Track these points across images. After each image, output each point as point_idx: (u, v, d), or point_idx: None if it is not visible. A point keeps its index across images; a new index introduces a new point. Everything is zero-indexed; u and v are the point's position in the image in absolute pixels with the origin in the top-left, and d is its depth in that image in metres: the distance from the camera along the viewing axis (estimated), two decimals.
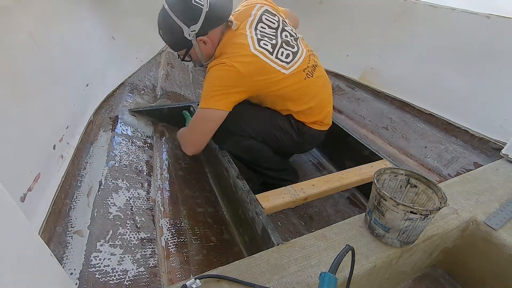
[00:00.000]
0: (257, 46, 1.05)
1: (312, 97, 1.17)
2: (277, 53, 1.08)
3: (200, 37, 1.08)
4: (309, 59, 1.17)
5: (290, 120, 1.20)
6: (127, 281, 0.75)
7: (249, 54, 1.03)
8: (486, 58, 1.47)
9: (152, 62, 1.94)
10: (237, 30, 1.10)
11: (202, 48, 1.12)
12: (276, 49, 1.08)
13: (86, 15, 1.55)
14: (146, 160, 1.22)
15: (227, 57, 1.03)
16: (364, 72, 2.00)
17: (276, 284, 0.67)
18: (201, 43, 1.10)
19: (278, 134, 1.19)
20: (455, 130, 1.49)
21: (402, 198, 0.86)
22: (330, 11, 2.29)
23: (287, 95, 1.13)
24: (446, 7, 1.65)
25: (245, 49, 1.03)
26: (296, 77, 1.11)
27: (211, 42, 1.10)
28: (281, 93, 1.11)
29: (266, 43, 1.07)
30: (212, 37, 1.10)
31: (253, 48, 1.04)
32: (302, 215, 1.32)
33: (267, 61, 1.05)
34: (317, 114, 1.20)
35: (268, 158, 1.24)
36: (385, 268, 0.79)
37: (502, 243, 0.84)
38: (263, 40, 1.07)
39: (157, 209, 1.05)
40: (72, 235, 0.82)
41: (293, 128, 1.20)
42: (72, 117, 1.14)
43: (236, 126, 1.14)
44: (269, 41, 1.08)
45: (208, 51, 1.14)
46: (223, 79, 1.02)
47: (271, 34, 1.12)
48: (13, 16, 0.96)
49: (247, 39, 1.05)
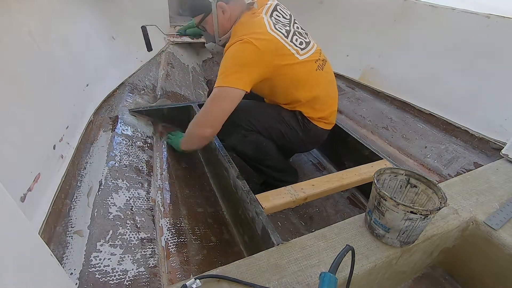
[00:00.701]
0: (274, 28, 1.06)
1: (320, 89, 1.18)
2: (291, 38, 1.09)
3: (221, 3, 1.08)
4: (320, 53, 1.19)
5: (297, 116, 1.21)
6: (127, 281, 0.75)
7: (266, 33, 1.03)
8: (486, 58, 1.47)
9: (152, 62, 1.94)
10: (254, 12, 1.11)
11: (220, 17, 1.12)
12: (290, 35, 1.10)
13: (86, 15, 1.55)
14: (146, 160, 1.22)
15: (244, 34, 1.03)
16: (364, 72, 2.00)
17: (276, 284, 0.67)
18: (220, 11, 1.10)
19: (283, 129, 1.20)
20: (455, 130, 1.49)
21: (402, 198, 0.86)
22: (330, 11, 2.29)
23: (299, 81, 1.13)
24: (446, 7, 1.65)
25: (263, 28, 1.04)
26: (308, 65, 1.13)
27: (230, 13, 1.10)
28: (294, 76, 1.11)
29: (281, 28, 1.08)
30: (232, 9, 1.10)
31: (269, 29, 1.05)
32: (302, 215, 1.32)
33: (283, 42, 1.05)
34: (323, 109, 1.21)
35: (271, 156, 1.24)
36: (385, 268, 0.79)
37: (502, 243, 0.84)
38: (278, 25, 1.08)
39: (157, 209, 1.05)
40: (72, 235, 0.82)
41: (299, 124, 1.21)
42: (72, 117, 1.14)
43: (243, 120, 1.15)
44: (283, 27, 1.10)
45: (224, 23, 1.13)
46: (241, 57, 1.02)
47: (285, 22, 1.14)
48: (13, 16, 0.96)
49: (264, 21, 1.07)
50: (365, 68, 2.00)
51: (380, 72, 1.92)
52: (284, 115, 1.20)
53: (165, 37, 1.98)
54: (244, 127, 1.15)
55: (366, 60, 2.00)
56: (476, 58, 1.50)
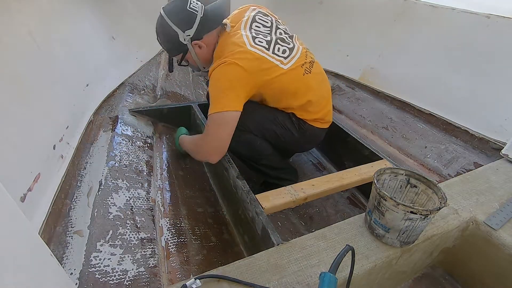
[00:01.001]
0: (253, 43, 1.06)
1: (312, 92, 1.17)
2: (273, 48, 1.09)
3: (195, 41, 1.11)
4: (305, 55, 1.18)
5: (291, 117, 1.20)
6: (127, 281, 0.75)
7: (246, 51, 1.03)
8: (486, 58, 1.47)
9: (152, 62, 1.94)
10: (231, 31, 1.12)
11: (198, 52, 1.15)
12: (272, 45, 1.09)
13: (86, 15, 1.55)
14: (146, 160, 1.22)
15: (226, 56, 1.03)
16: (364, 72, 2.00)
17: (276, 284, 0.67)
18: (197, 47, 1.13)
19: (278, 130, 1.20)
20: (455, 130, 1.49)
21: (402, 198, 0.86)
22: (330, 11, 2.29)
23: (287, 90, 1.13)
24: (446, 7, 1.65)
25: (242, 46, 1.04)
26: (295, 72, 1.12)
27: (207, 46, 1.13)
28: (282, 88, 1.11)
29: (261, 40, 1.08)
30: (207, 41, 1.12)
31: (249, 46, 1.05)
32: (302, 215, 1.32)
33: (265, 56, 1.05)
34: (317, 111, 1.21)
35: (267, 156, 1.24)
36: (385, 268, 0.79)
37: (502, 243, 0.84)
38: (258, 38, 1.08)
39: (157, 209, 1.05)
40: (72, 235, 0.82)
41: (294, 125, 1.21)
42: (72, 117, 1.14)
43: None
44: (264, 38, 1.09)
45: (204, 55, 1.16)
46: (227, 80, 1.02)
47: (265, 32, 1.14)
48: (13, 16, 0.96)
49: (243, 38, 1.07)
50: (365, 68, 2.00)
51: (380, 72, 1.92)
52: (278, 117, 1.19)
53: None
54: (238, 128, 1.15)
55: (366, 60, 2.00)
56: (476, 58, 1.50)
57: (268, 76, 1.06)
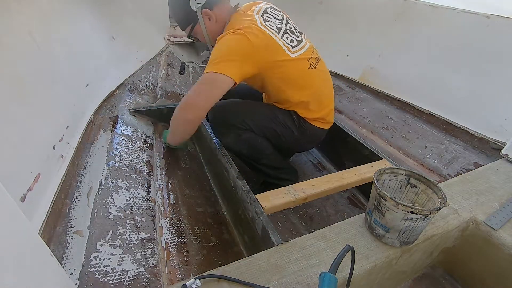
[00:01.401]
0: (264, 24, 1.06)
1: (314, 89, 1.17)
2: (282, 35, 1.09)
3: (206, 10, 1.08)
4: (312, 51, 1.19)
5: (292, 116, 1.20)
6: (127, 281, 0.75)
7: (257, 27, 1.03)
8: (486, 58, 1.47)
9: (152, 62, 1.94)
10: (243, 13, 1.12)
11: (208, 24, 1.12)
12: (282, 32, 1.10)
13: (86, 15, 1.55)
14: (146, 160, 1.22)
15: (236, 28, 1.03)
16: (364, 72, 2.00)
17: (276, 284, 0.67)
18: (206, 18, 1.10)
19: (278, 129, 1.20)
20: (455, 130, 1.49)
21: (402, 198, 0.86)
22: (330, 11, 2.29)
23: (290, 80, 1.12)
24: (446, 7, 1.65)
25: (254, 23, 1.04)
26: (300, 63, 1.12)
27: (216, 18, 1.11)
28: (285, 76, 1.11)
29: (272, 25, 1.08)
30: (217, 15, 1.10)
31: (260, 24, 1.05)
32: (302, 215, 1.32)
33: (274, 38, 1.05)
34: (319, 110, 1.21)
35: (267, 155, 1.24)
36: (385, 268, 0.79)
37: (502, 243, 0.84)
38: (268, 22, 1.09)
39: (157, 209, 1.05)
40: (72, 235, 0.82)
41: (294, 124, 1.21)
42: (72, 117, 1.14)
43: (237, 119, 1.14)
44: (274, 24, 1.09)
45: (213, 29, 1.14)
46: (233, 47, 1.01)
47: (276, 22, 1.14)
48: (13, 16, 0.96)
49: (255, 18, 1.07)
50: (365, 68, 2.00)
51: (380, 72, 1.92)
52: (279, 115, 1.19)
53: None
54: (239, 126, 1.15)
55: (366, 60, 2.00)
56: (476, 58, 1.50)
57: (273, 57, 1.05)
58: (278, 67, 1.07)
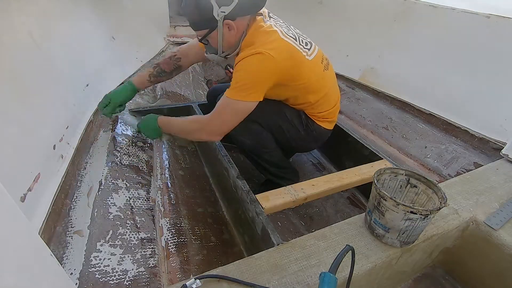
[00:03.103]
0: (285, 33, 1.06)
1: (326, 90, 1.19)
2: (299, 40, 1.10)
3: (228, 21, 1.05)
4: (322, 54, 1.20)
5: (301, 115, 1.21)
6: (127, 281, 0.75)
7: (279, 39, 1.03)
8: (486, 58, 1.47)
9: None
10: (258, 23, 1.09)
11: (226, 34, 1.08)
12: (298, 37, 1.10)
13: (86, 15, 1.55)
14: (146, 160, 1.22)
15: (260, 45, 1.01)
16: (364, 72, 2.00)
17: (276, 284, 0.67)
18: (226, 28, 1.07)
19: (285, 126, 1.20)
20: (455, 130, 1.49)
21: (402, 198, 0.86)
22: (330, 11, 2.29)
23: (310, 85, 1.13)
24: (446, 7, 1.65)
25: (276, 35, 1.04)
26: (316, 66, 1.13)
27: (236, 30, 1.08)
28: (307, 85, 1.12)
29: (288, 32, 1.09)
30: (238, 25, 1.07)
31: (281, 34, 1.05)
32: (302, 215, 1.32)
33: (295, 46, 1.06)
34: (328, 108, 1.22)
35: (270, 150, 1.24)
36: (385, 268, 0.79)
37: (502, 243, 0.84)
38: (284, 29, 1.08)
39: (157, 209, 1.05)
40: (72, 235, 0.82)
41: (302, 123, 1.21)
42: (72, 117, 1.14)
43: None
44: (288, 31, 1.10)
45: (230, 39, 1.10)
46: (259, 71, 1.01)
47: (286, 26, 1.14)
48: (13, 16, 0.96)
49: (274, 28, 1.06)
50: (365, 68, 2.00)
51: (380, 72, 1.92)
52: (287, 112, 1.20)
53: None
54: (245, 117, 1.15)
55: (366, 60, 2.00)
56: (476, 58, 1.50)
57: (297, 68, 1.06)
58: (301, 75, 1.09)
